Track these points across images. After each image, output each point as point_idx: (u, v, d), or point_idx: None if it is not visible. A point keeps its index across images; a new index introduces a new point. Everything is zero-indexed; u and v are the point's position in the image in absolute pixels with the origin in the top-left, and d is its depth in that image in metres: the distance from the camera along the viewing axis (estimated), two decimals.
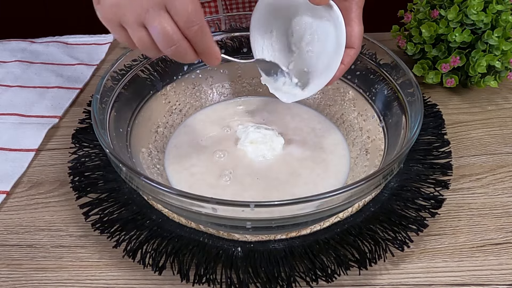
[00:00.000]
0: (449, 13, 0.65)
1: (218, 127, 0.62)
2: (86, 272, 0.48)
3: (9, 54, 0.77)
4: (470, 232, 0.51)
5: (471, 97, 0.70)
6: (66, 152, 0.60)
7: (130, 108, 0.56)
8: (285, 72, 0.55)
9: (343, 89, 0.62)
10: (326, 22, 0.49)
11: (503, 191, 0.55)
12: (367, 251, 0.47)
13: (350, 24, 0.49)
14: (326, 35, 0.50)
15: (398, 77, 0.55)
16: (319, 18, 0.50)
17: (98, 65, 0.76)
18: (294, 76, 0.55)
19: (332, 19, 0.48)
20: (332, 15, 0.48)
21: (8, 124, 0.64)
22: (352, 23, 0.49)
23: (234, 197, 0.52)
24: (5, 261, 0.49)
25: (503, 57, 0.65)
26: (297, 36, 0.54)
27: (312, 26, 0.51)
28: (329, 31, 0.49)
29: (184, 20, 0.41)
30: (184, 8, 0.41)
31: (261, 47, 0.56)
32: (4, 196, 0.55)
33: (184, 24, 0.41)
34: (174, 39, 0.42)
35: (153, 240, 0.48)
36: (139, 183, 0.43)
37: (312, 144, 0.59)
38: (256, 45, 0.56)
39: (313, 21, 0.51)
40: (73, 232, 0.52)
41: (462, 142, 0.62)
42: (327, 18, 0.49)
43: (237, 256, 0.46)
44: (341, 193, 0.41)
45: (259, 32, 0.55)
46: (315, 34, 0.51)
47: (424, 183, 0.54)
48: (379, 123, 0.57)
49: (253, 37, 0.56)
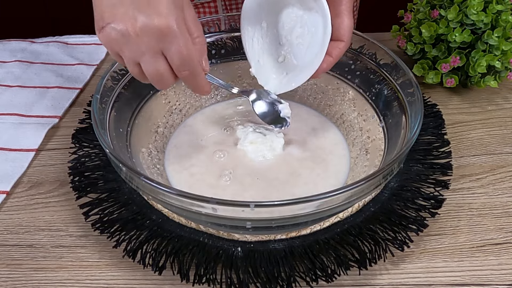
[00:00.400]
0: (449, 13, 0.65)
1: (218, 127, 0.62)
2: (86, 272, 0.48)
3: (9, 54, 0.78)
4: (470, 232, 0.51)
5: (471, 97, 0.70)
6: (66, 152, 0.60)
7: (130, 108, 0.56)
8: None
9: (343, 89, 0.62)
10: (315, 14, 0.49)
11: (503, 191, 0.55)
12: (367, 251, 0.47)
13: (340, 16, 0.49)
14: (316, 27, 0.50)
15: (398, 77, 0.55)
16: (309, 10, 0.50)
17: (98, 65, 0.76)
18: (284, 68, 0.55)
19: (320, 10, 0.48)
20: (319, 5, 0.48)
21: (8, 124, 0.64)
22: (341, 15, 0.49)
23: (234, 197, 0.52)
24: (5, 261, 0.49)
25: (503, 57, 0.65)
26: (288, 29, 0.54)
27: (303, 18, 0.51)
28: (318, 23, 0.49)
29: (177, 65, 0.44)
30: (178, 55, 0.44)
31: (251, 39, 0.56)
32: (4, 196, 0.55)
33: (177, 68, 0.45)
34: (165, 79, 0.46)
35: (153, 240, 0.48)
36: (139, 183, 0.43)
37: (312, 144, 0.59)
38: (246, 37, 0.56)
39: (303, 13, 0.51)
40: (73, 232, 0.52)
41: (462, 142, 0.62)
42: (315, 9, 0.49)
43: (237, 256, 0.46)
44: (341, 193, 0.41)
45: (249, 23, 0.55)
46: (305, 27, 0.51)
47: (424, 183, 0.54)
48: (379, 123, 0.57)
49: (243, 29, 0.56)
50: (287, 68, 0.56)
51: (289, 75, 0.55)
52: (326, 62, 0.50)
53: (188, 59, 0.44)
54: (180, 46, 0.43)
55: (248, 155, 0.57)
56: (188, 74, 0.46)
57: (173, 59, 0.44)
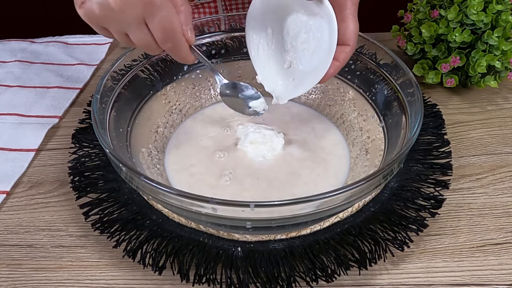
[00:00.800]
0: (449, 13, 0.65)
1: (218, 127, 0.62)
2: (86, 272, 0.48)
3: (9, 54, 0.77)
4: (470, 232, 0.51)
5: (471, 97, 0.70)
6: (66, 152, 0.60)
7: (130, 108, 0.56)
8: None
9: (343, 89, 0.62)
10: (320, 19, 0.49)
11: (503, 191, 0.55)
12: (367, 251, 0.47)
13: (345, 20, 0.48)
14: (321, 33, 0.50)
15: (398, 77, 0.55)
16: (313, 15, 0.50)
17: (98, 65, 0.76)
18: (290, 74, 0.55)
19: (325, 15, 0.48)
20: (325, 11, 0.48)
21: (8, 124, 0.64)
22: (347, 19, 0.48)
23: (234, 197, 0.52)
24: (5, 261, 0.49)
25: (503, 57, 0.65)
26: (293, 35, 0.54)
27: (308, 24, 0.51)
28: (324, 28, 0.49)
29: (160, 38, 0.44)
30: (161, 28, 0.43)
31: (257, 46, 0.56)
32: (4, 196, 0.55)
33: (160, 41, 0.45)
34: (153, 49, 0.46)
35: (153, 240, 0.48)
36: (139, 183, 0.43)
37: (312, 144, 0.59)
38: (252, 44, 0.56)
39: (308, 19, 0.51)
40: (73, 232, 0.52)
41: (462, 142, 0.62)
42: (320, 15, 0.49)
43: (237, 256, 0.46)
44: (341, 193, 0.41)
45: (254, 31, 0.55)
46: (310, 32, 0.51)
47: (424, 183, 0.54)
48: (379, 123, 0.57)
49: (248, 36, 0.56)
50: (293, 74, 0.55)
51: (295, 81, 0.55)
52: (333, 67, 0.50)
53: (170, 32, 0.44)
54: (163, 19, 0.42)
55: (248, 155, 0.57)
56: (171, 47, 0.45)
57: (155, 32, 0.44)
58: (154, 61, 0.60)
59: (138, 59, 0.58)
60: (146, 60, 0.59)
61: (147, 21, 0.43)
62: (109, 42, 0.81)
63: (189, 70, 0.63)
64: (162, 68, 0.61)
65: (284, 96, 0.56)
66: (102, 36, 0.81)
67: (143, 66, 0.58)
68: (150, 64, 0.59)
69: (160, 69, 0.61)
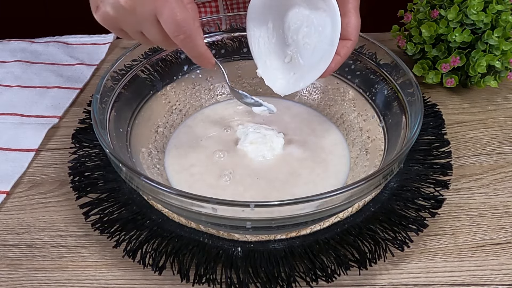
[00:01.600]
0: (449, 13, 0.65)
1: (218, 127, 0.62)
2: (86, 272, 0.48)
3: (9, 54, 0.77)
4: (470, 232, 0.51)
5: (471, 97, 0.70)
6: (66, 152, 0.60)
7: (130, 108, 0.56)
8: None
9: (343, 89, 0.62)
10: (323, 13, 0.49)
11: (503, 191, 0.55)
12: (367, 251, 0.47)
13: (347, 15, 0.48)
14: (323, 27, 0.50)
15: (398, 77, 0.55)
16: (316, 9, 0.50)
17: (98, 65, 0.76)
18: (291, 68, 0.55)
19: (328, 10, 0.48)
20: (328, 5, 0.48)
21: (8, 124, 0.64)
22: (349, 14, 0.49)
23: (234, 197, 0.52)
24: (5, 261, 0.49)
25: (503, 57, 0.65)
26: (294, 29, 0.53)
27: (309, 18, 0.51)
28: (326, 23, 0.49)
29: (171, 30, 0.44)
30: (171, 19, 0.43)
31: (258, 40, 0.56)
32: (4, 196, 0.55)
33: (172, 34, 0.44)
34: (173, 45, 0.46)
35: (153, 240, 0.48)
36: (139, 183, 0.43)
37: (312, 144, 0.59)
38: (252, 38, 0.56)
39: (310, 13, 0.51)
40: (73, 232, 0.52)
41: (462, 142, 0.62)
42: (323, 9, 0.49)
43: (237, 256, 0.46)
44: (341, 193, 0.41)
45: (255, 25, 0.55)
46: (312, 26, 0.51)
47: (424, 183, 0.54)
48: (379, 123, 0.57)
49: (249, 30, 0.55)
50: (294, 68, 0.55)
51: (296, 75, 0.55)
52: (335, 61, 0.50)
53: (182, 22, 0.43)
54: (172, 10, 0.42)
55: (248, 155, 0.57)
56: (184, 38, 0.44)
57: (166, 25, 0.43)
58: (154, 61, 0.60)
59: (138, 59, 0.58)
60: (146, 60, 0.59)
61: (158, 16, 0.43)
62: (109, 42, 0.81)
63: (189, 70, 0.63)
64: (162, 68, 0.61)
65: (284, 90, 0.56)
66: (102, 36, 0.82)
67: (143, 66, 0.58)
68: (150, 64, 0.59)
69: (160, 69, 0.61)
